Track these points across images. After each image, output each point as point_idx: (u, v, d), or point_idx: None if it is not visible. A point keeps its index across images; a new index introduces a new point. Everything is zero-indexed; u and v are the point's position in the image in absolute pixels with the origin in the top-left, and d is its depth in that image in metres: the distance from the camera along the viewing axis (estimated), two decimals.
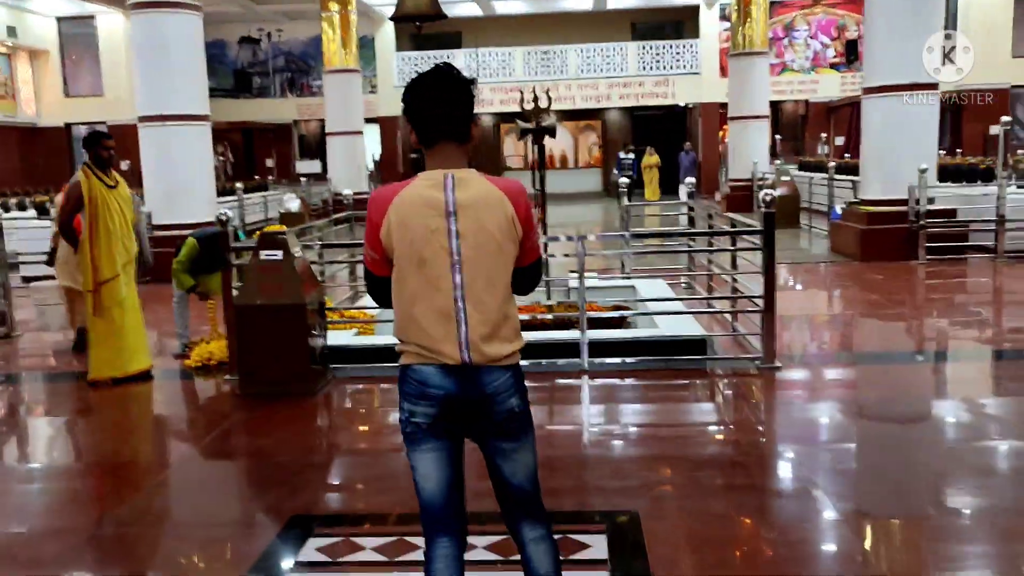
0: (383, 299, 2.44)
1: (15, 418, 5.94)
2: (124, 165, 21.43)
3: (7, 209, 15.75)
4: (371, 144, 25.03)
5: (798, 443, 4.76)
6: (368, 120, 22.84)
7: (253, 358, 5.87)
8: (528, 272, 2.46)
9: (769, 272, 6.07)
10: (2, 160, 24.08)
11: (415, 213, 2.27)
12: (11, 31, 24.07)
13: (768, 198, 6.03)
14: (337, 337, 6.63)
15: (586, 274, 6.37)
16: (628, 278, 9.08)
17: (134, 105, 12.43)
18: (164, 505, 4.18)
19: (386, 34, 26.73)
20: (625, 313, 6.97)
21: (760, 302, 6.16)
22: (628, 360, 6.23)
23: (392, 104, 24.40)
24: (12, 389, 6.63)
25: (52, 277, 11.67)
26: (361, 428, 5.46)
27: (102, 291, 6.17)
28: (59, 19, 25.60)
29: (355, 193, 12.31)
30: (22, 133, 25.23)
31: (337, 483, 4.42)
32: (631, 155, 22.99)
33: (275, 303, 5.79)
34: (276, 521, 3.85)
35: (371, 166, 25.36)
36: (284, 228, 6.40)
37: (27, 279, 12.08)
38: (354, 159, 21.14)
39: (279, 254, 5.89)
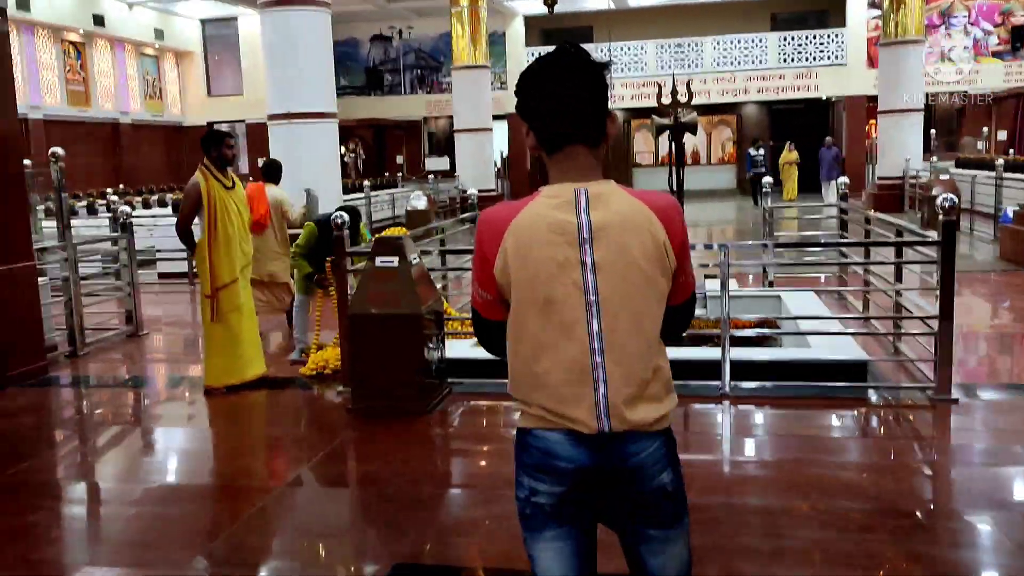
0: (497, 348, 1.92)
1: (124, 427, 5.80)
2: (260, 163, 21.97)
3: (148, 206, 16.27)
4: (499, 141, 24.78)
5: (987, 498, 3.98)
6: (497, 117, 22.57)
7: (365, 370, 5.52)
8: (681, 312, 1.90)
9: (946, 289, 5.26)
10: (150, 158, 25.17)
11: (539, 241, 1.75)
12: (159, 33, 25.13)
13: (947, 203, 5.21)
14: (455, 348, 6.21)
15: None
16: (771, 285, 8.33)
17: None
18: (259, 542, 3.83)
19: (516, 29, 26.43)
20: (773, 332, 6.25)
21: (934, 323, 5.36)
22: (771, 385, 5.54)
23: None
24: (129, 393, 6.54)
25: (184, 274, 11.94)
26: (477, 455, 4.99)
27: (220, 296, 5.97)
28: (203, 21, 26.57)
29: (480, 191, 12.00)
30: (168, 132, 26.32)
31: (448, 524, 3.96)
32: (761, 151, 21.71)
33: (389, 312, 5.42)
34: (378, 569, 3.44)
35: (499, 163, 25.13)
36: (403, 232, 6.04)
37: (163, 276, 12.36)
38: (482, 156, 20.91)
39: (395, 260, 5.51)
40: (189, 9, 25.52)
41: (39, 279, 7.07)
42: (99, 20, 22.60)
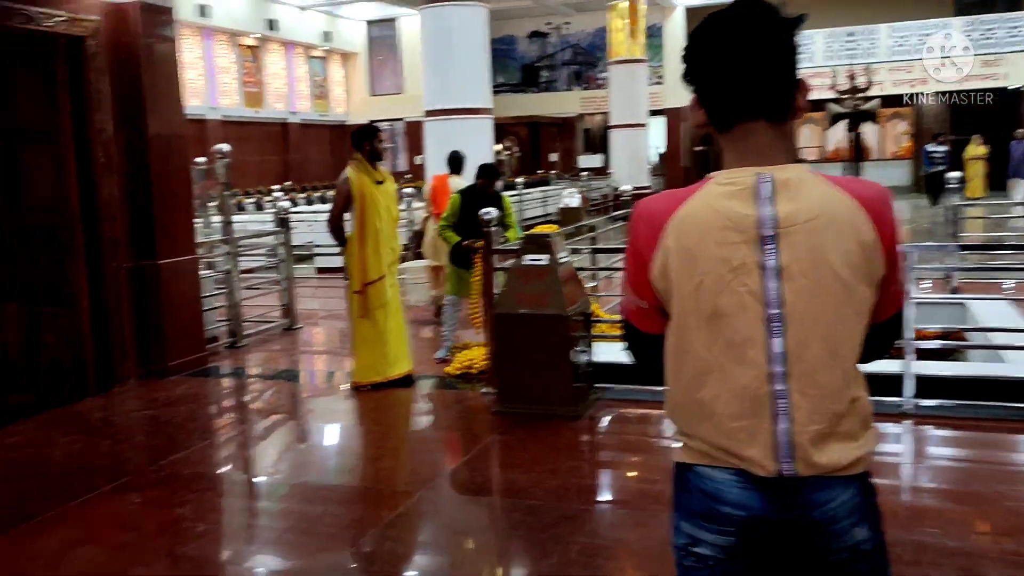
0: (652, 366, 1.61)
1: (273, 420, 5.85)
2: (418, 160, 22.40)
3: (311, 202, 16.84)
4: (655, 137, 24.21)
5: None
6: (654, 112, 22.05)
7: (511, 371, 5.32)
8: (886, 329, 1.54)
9: None
10: (316, 155, 26.20)
11: (707, 238, 1.43)
12: (326, 36, 26.11)
13: None
14: (605, 351, 5.90)
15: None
16: (955, 292, 7.56)
17: None
18: (397, 550, 3.68)
19: (675, 22, 25.72)
20: (964, 344, 5.59)
21: None
22: (956, 404, 4.91)
23: (680, 95, 23.41)
24: (281, 386, 6.62)
25: (342, 269, 12.19)
26: (628, 468, 4.67)
27: (368, 292, 5.94)
28: (368, 23, 27.42)
29: (635, 188, 11.64)
30: (332, 130, 27.30)
31: (596, 543, 3.67)
32: (942, 146, 19.88)
33: (536, 312, 5.19)
34: None
35: (655, 160, 24.55)
36: (552, 229, 5.80)
37: (322, 270, 12.68)
38: (636, 153, 20.46)
39: (544, 258, 5.28)
40: (355, 11, 26.38)
41: (205, 272, 7.32)
42: (272, 25, 23.68)
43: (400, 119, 26.28)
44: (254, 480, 4.70)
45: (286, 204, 8.70)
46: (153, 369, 6.41)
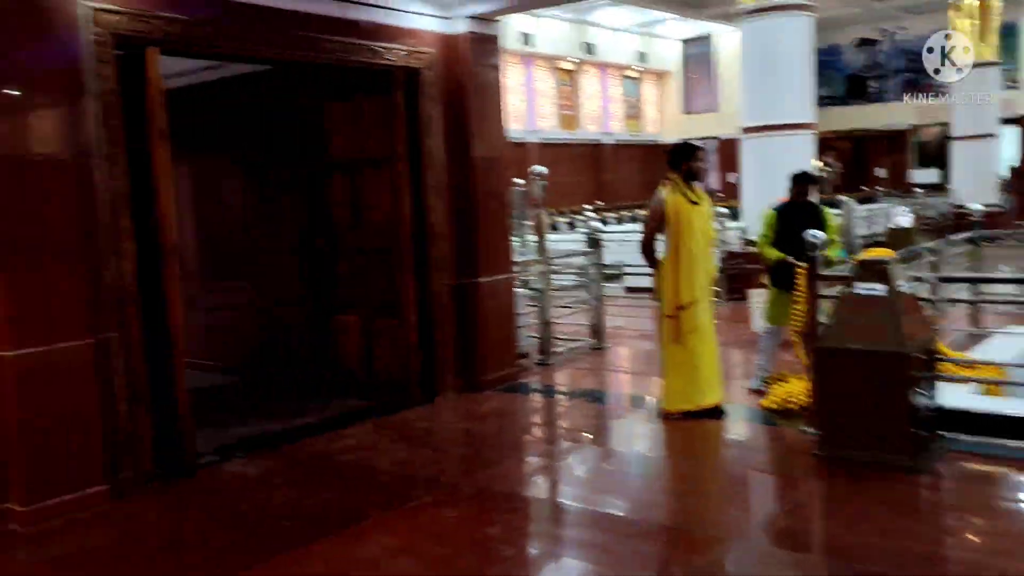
0: None
1: (580, 442, 5.79)
2: (731, 178, 21.81)
3: (621, 223, 16.96)
4: (1007, 149, 21.47)
5: None
6: (1005, 121, 19.58)
7: (837, 413, 4.81)
8: None
9: None
10: (627, 175, 26.46)
11: None
12: (641, 56, 26.36)
13: None
14: (950, 395, 5.17)
15: None
16: None
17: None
18: None
19: None
20: None
21: None
22: None
23: None
24: (588, 407, 6.56)
25: (651, 289, 12.04)
26: (982, 537, 3.96)
27: (681, 317, 5.72)
28: (684, 41, 27.27)
29: (986, 207, 10.33)
30: (645, 150, 27.41)
31: None
32: None
33: (870, 349, 4.65)
34: None
35: (1006, 175, 21.78)
36: (888, 254, 5.19)
37: (631, 289, 12.64)
38: (983, 167, 18.29)
39: (880, 288, 4.72)
40: (670, 30, 26.33)
41: (519, 290, 7.51)
42: (589, 48, 24.31)
43: (713, 137, 25.76)
44: (561, 504, 4.64)
45: (597, 224, 8.72)
46: (469, 382, 6.66)
